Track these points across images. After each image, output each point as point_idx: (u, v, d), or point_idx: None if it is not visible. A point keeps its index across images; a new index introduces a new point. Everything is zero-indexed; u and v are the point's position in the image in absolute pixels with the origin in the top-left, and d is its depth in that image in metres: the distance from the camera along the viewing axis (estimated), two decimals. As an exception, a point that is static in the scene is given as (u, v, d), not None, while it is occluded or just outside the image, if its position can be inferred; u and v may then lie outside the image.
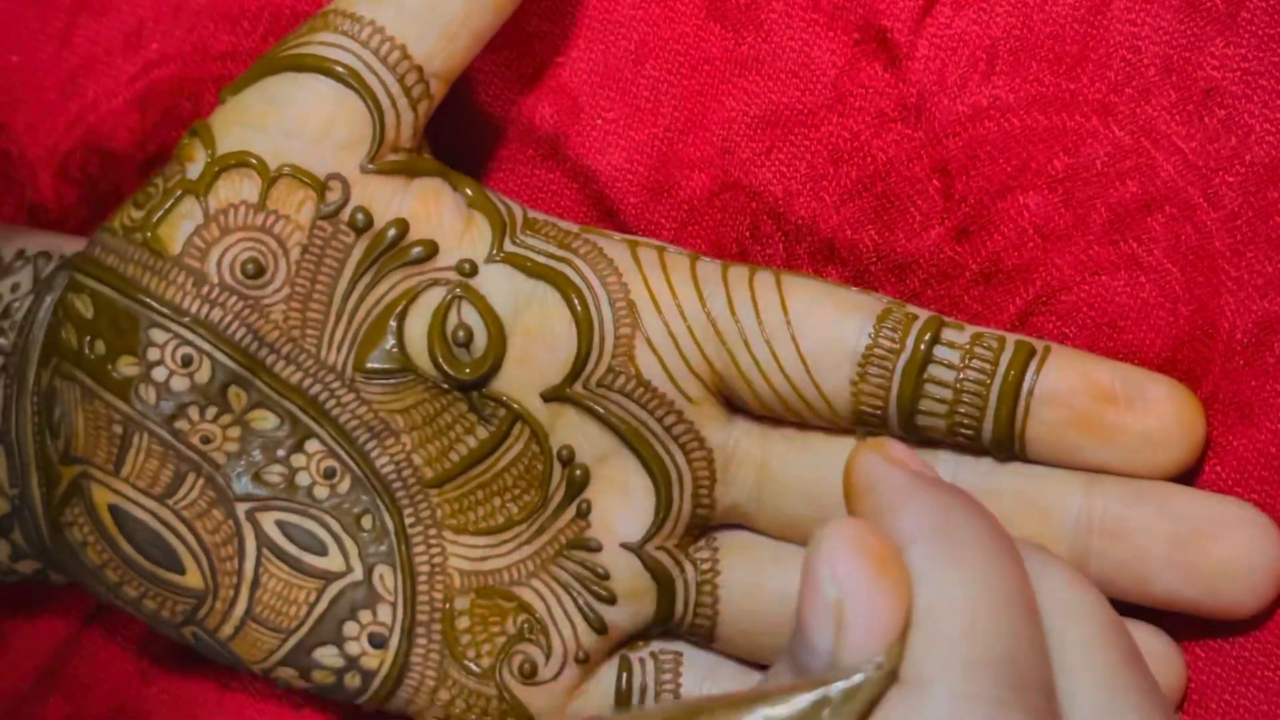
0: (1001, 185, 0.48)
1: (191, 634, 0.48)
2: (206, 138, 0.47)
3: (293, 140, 0.47)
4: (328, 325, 0.47)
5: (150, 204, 0.47)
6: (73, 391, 0.47)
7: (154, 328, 0.47)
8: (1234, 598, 0.45)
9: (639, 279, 0.47)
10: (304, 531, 0.48)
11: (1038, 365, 0.45)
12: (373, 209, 0.47)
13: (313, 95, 0.47)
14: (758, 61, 0.49)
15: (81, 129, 0.53)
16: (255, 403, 0.47)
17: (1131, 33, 0.47)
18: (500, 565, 0.48)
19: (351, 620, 0.48)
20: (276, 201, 0.47)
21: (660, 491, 0.47)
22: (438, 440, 0.48)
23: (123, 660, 0.53)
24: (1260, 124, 0.46)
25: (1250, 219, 0.46)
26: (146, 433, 0.47)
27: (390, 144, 0.47)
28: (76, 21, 0.53)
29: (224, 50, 0.52)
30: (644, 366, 0.47)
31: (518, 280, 0.48)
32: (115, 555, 0.48)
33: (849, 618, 0.37)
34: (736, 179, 0.49)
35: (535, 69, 0.51)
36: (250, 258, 0.47)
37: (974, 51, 0.48)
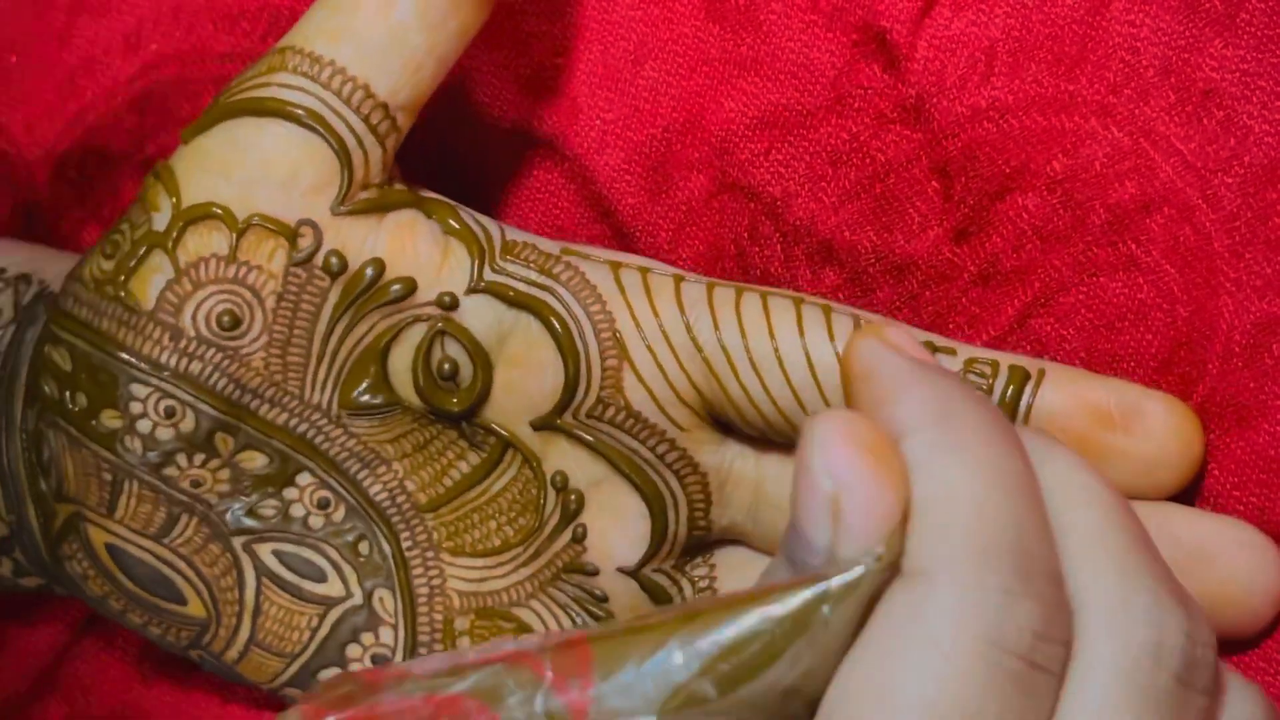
0: (1000, 186, 0.48)
1: (198, 656, 0.48)
2: (170, 184, 0.46)
3: (259, 188, 0.46)
4: (309, 368, 0.47)
5: (119, 255, 0.46)
6: (59, 439, 0.47)
7: (134, 383, 0.46)
8: (1234, 620, 0.45)
9: (623, 305, 0.47)
10: (302, 560, 0.48)
11: (1033, 388, 0.45)
12: (347, 251, 0.46)
13: (276, 141, 0.46)
14: (756, 62, 0.49)
15: (80, 130, 0.53)
16: (243, 445, 0.47)
17: (1130, 34, 0.47)
18: (499, 587, 0.48)
19: (354, 643, 0.48)
20: (247, 252, 0.46)
21: (655, 517, 0.47)
22: (429, 466, 0.48)
23: (122, 663, 0.53)
24: (1259, 125, 0.46)
25: (1249, 220, 0.46)
26: (136, 480, 0.47)
27: (360, 183, 0.46)
28: (75, 22, 0.53)
29: (223, 51, 0.52)
30: (633, 398, 0.47)
31: (499, 309, 0.47)
32: (116, 588, 0.48)
33: (845, 510, 0.37)
34: (735, 180, 0.49)
35: (534, 69, 0.51)
36: (225, 309, 0.46)
37: (973, 53, 0.48)
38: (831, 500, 0.37)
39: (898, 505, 0.37)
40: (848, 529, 0.37)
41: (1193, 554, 0.44)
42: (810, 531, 0.37)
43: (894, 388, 0.39)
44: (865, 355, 0.39)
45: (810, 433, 0.37)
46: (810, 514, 0.37)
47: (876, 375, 0.39)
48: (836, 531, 0.37)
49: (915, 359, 0.39)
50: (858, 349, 0.40)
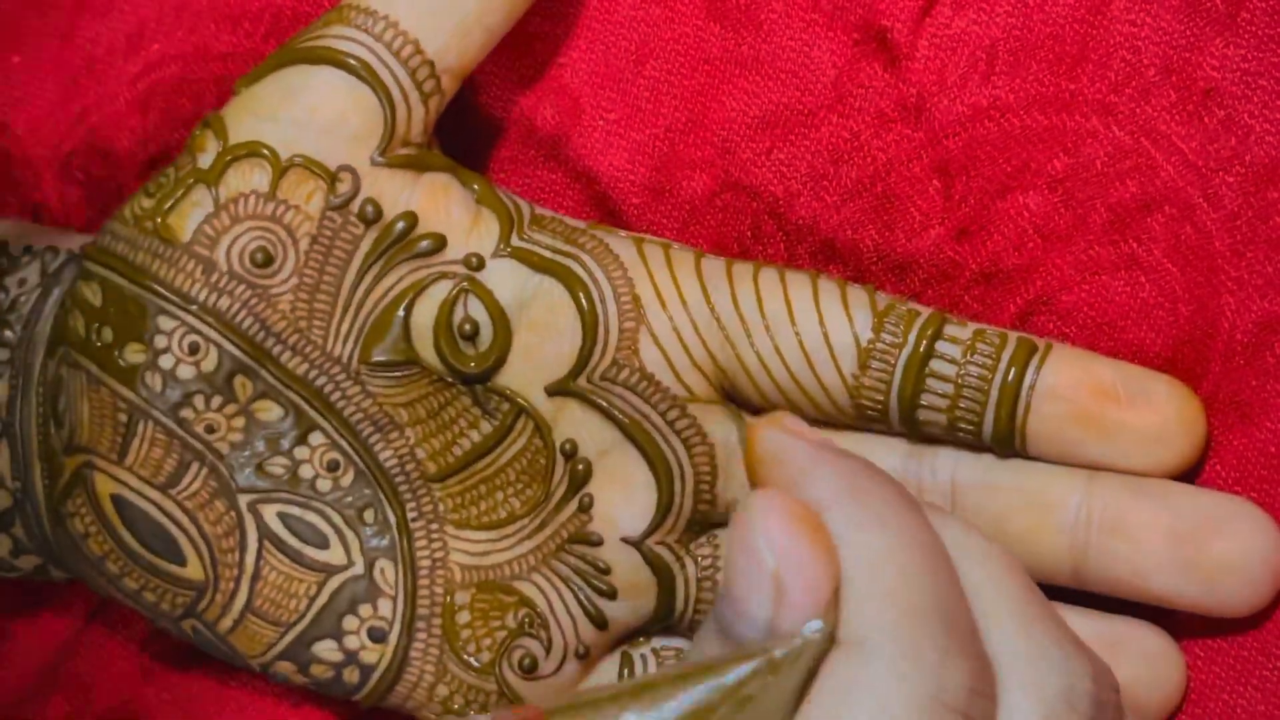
0: (1001, 185, 0.48)
1: (191, 627, 0.48)
2: (219, 128, 0.47)
3: (304, 131, 0.47)
4: (334, 316, 0.47)
5: (161, 193, 0.47)
6: (78, 380, 0.47)
7: (162, 315, 0.47)
8: (1233, 595, 0.45)
9: (644, 274, 0.48)
10: (306, 524, 0.48)
11: (1039, 362, 0.46)
12: (382, 201, 0.47)
13: (326, 87, 0.47)
14: (757, 62, 0.49)
15: (84, 129, 0.53)
16: (260, 393, 0.47)
17: (1131, 33, 0.47)
18: (502, 560, 0.48)
19: (351, 614, 0.48)
20: (287, 191, 0.47)
21: (662, 486, 0.47)
22: (442, 434, 0.48)
23: (123, 659, 0.53)
24: (1260, 124, 0.46)
25: (1250, 219, 0.46)
26: (151, 421, 0.47)
27: (401, 138, 0.47)
28: (78, 22, 0.53)
29: (225, 51, 0.52)
30: (648, 360, 0.47)
31: (524, 275, 0.48)
32: (117, 546, 0.48)
33: (787, 585, 0.38)
34: (737, 179, 0.50)
35: (537, 70, 0.51)
36: (259, 247, 0.47)
37: (974, 52, 0.48)
38: (773, 576, 0.38)
39: (833, 579, 0.38)
40: (789, 603, 0.38)
41: (1194, 527, 0.45)
42: (751, 607, 0.38)
43: (804, 468, 0.40)
44: (770, 442, 0.41)
45: (748, 511, 0.38)
46: (751, 589, 0.38)
47: (784, 459, 0.40)
48: (778, 606, 0.38)
49: (818, 441, 0.41)
50: (761, 436, 0.41)
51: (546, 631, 0.48)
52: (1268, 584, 0.45)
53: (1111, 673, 0.41)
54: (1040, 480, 0.46)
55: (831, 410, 0.47)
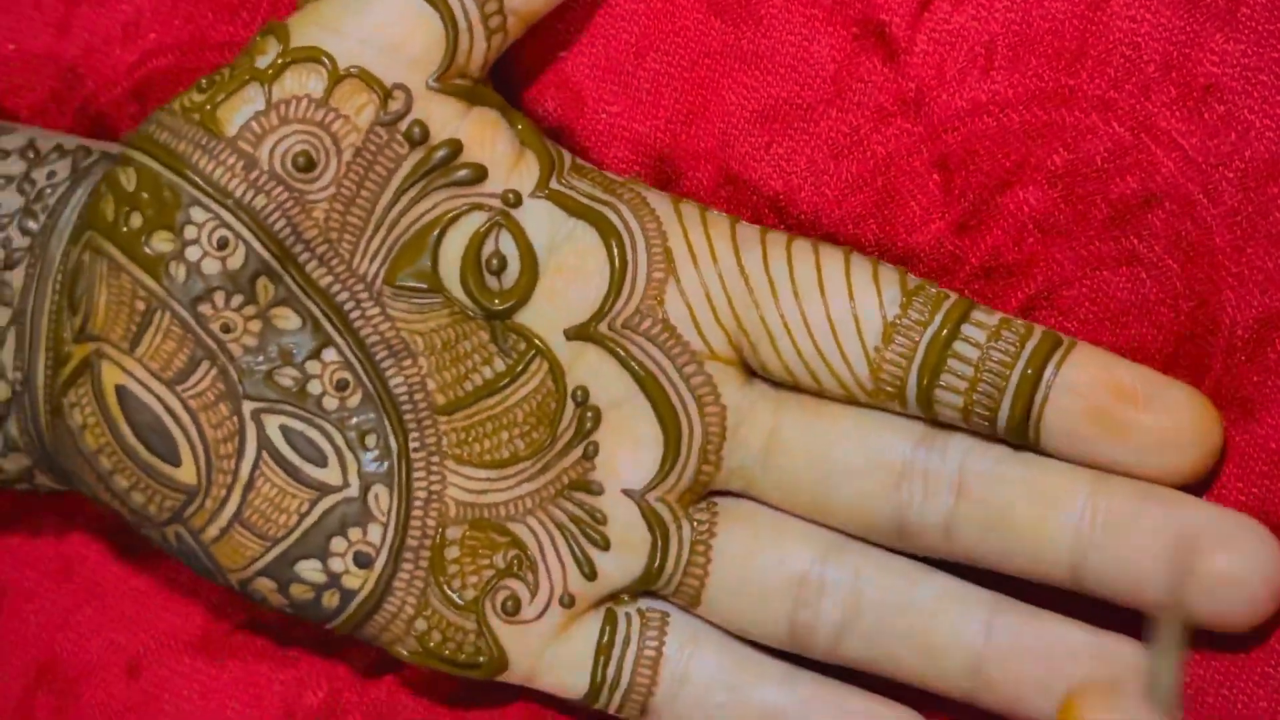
0: (1001, 180, 0.48)
1: (174, 534, 0.48)
2: (281, 34, 0.47)
3: (366, 47, 0.47)
4: (366, 233, 0.47)
5: (214, 88, 0.47)
6: (100, 265, 0.47)
7: (195, 206, 0.47)
8: (1232, 609, 0.45)
9: (678, 229, 0.48)
10: (306, 440, 0.48)
11: (1061, 356, 0.46)
12: (430, 124, 0.47)
13: (394, 7, 0.47)
14: (757, 56, 0.49)
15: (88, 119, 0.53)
16: (281, 299, 0.47)
17: (1131, 29, 0.47)
18: (499, 500, 0.48)
19: (340, 536, 0.48)
20: (339, 100, 0.47)
21: (669, 441, 0.47)
22: (455, 367, 0.48)
23: (110, 654, 0.53)
24: (1260, 120, 0.46)
25: (1250, 215, 0.46)
26: (169, 312, 0.47)
27: (459, 68, 0.48)
28: (75, 11, 0.53)
29: (222, 40, 0.52)
30: (671, 311, 0.47)
31: (558, 218, 0.48)
32: (113, 440, 0.47)
33: None
34: (737, 173, 0.49)
35: (539, 62, 0.51)
36: (303, 150, 0.47)
37: (973, 46, 0.48)
38: None
39: None
40: None
41: (1194, 539, 0.45)
42: None
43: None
44: None
45: None
46: None
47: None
48: None
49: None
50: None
51: (534, 575, 0.48)
52: (1267, 600, 0.45)
53: None
54: (1049, 476, 0.46)
55: (851, 383, 0.47)
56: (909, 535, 0.47)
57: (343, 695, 0.51)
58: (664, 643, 0.48)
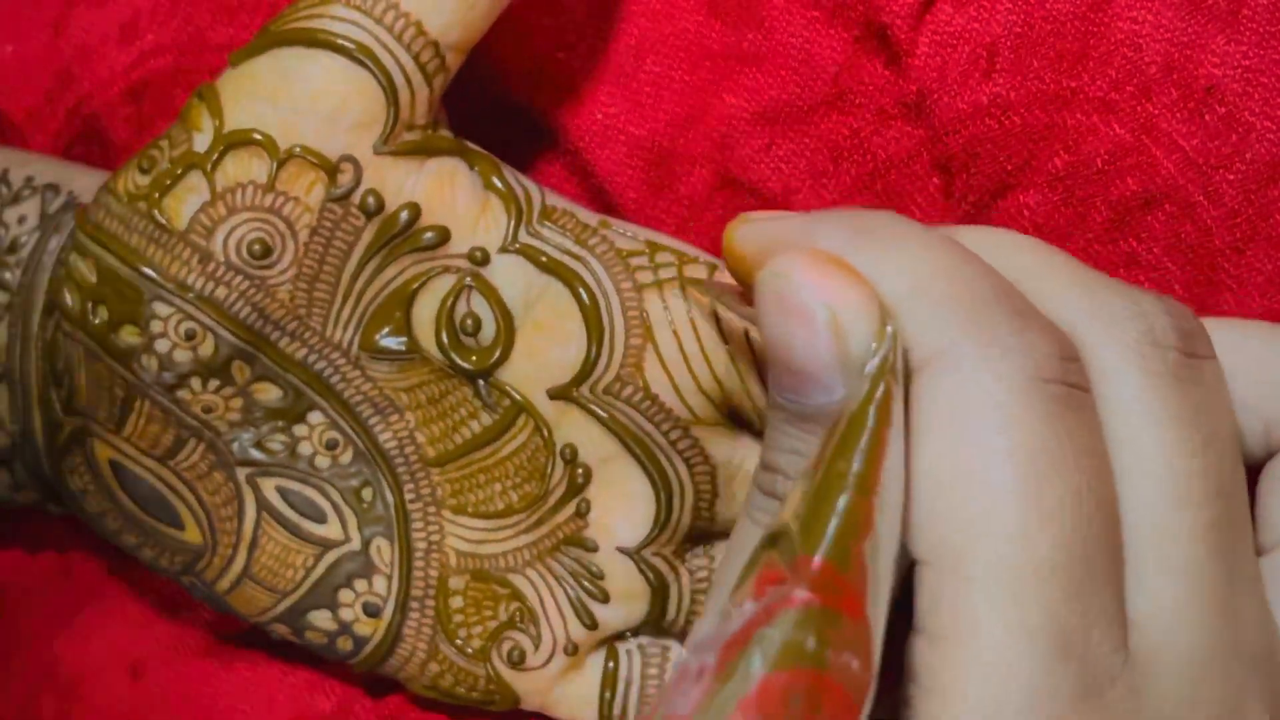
0: (1001, 183, 0.48)
1: (189, 583, 0.48)
2: (214, 106, 0.46)
3: (304, 119, 0.45)
4: (334, 305, 0.47)
5: (156, 172, 0.46)
6: (76, 350, 0.47)
7: (158, 300, 0.46)
8: None
9: (654, 287, 0.47)
10: (304, 498, 0.48)
11: None
12: (384, 192, 0.46)
13: (325, 73, 0.45)
14: (758, 57, 0.49)
15: (79, 120, 0.53)
16: (258, 376, 0.47)
17: (1132, 30, 0.47)
18: (497, 551, 0.48)
19: (347, 588, 0.48)
20: (286, 183, 0.46)
21: (660, 501, 0.47)
22: (442, 421, 0.48)
23: (113, 657, 0.53)
24: (1261, 122, 0.46)
25: (1250, 217, 0.46)
26: (148, 399, 0.47)
27: (405, 122, 0.46)
28: (71, 12, 0.53)
29: (220, 41, 0.52)
30: (652, 380, 0.47)
31: (530, 273, 0.47)
32: (114, 507, 0.48)
33: (843, 319, 0.37)
34: (736, 175, 0.49)
35: (536, 64, 0.50)
36: (257, 238, 0.46)
37: (974, 49, 0.48)
38: (830, 321, 0.37)
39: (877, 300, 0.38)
40: (854, 336, 0.37)
41: None
42: (817, 363, 0.37)
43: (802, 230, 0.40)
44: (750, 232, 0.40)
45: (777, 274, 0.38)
46: (811, 347, 0.37)
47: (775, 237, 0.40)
48: (843, 343, 0.37)
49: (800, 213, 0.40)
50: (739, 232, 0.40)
51: (536, 628, 0.48)
52: None
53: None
54: None
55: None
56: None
57: (355, 703, 0.51)
58: (665, 677, 0.49)
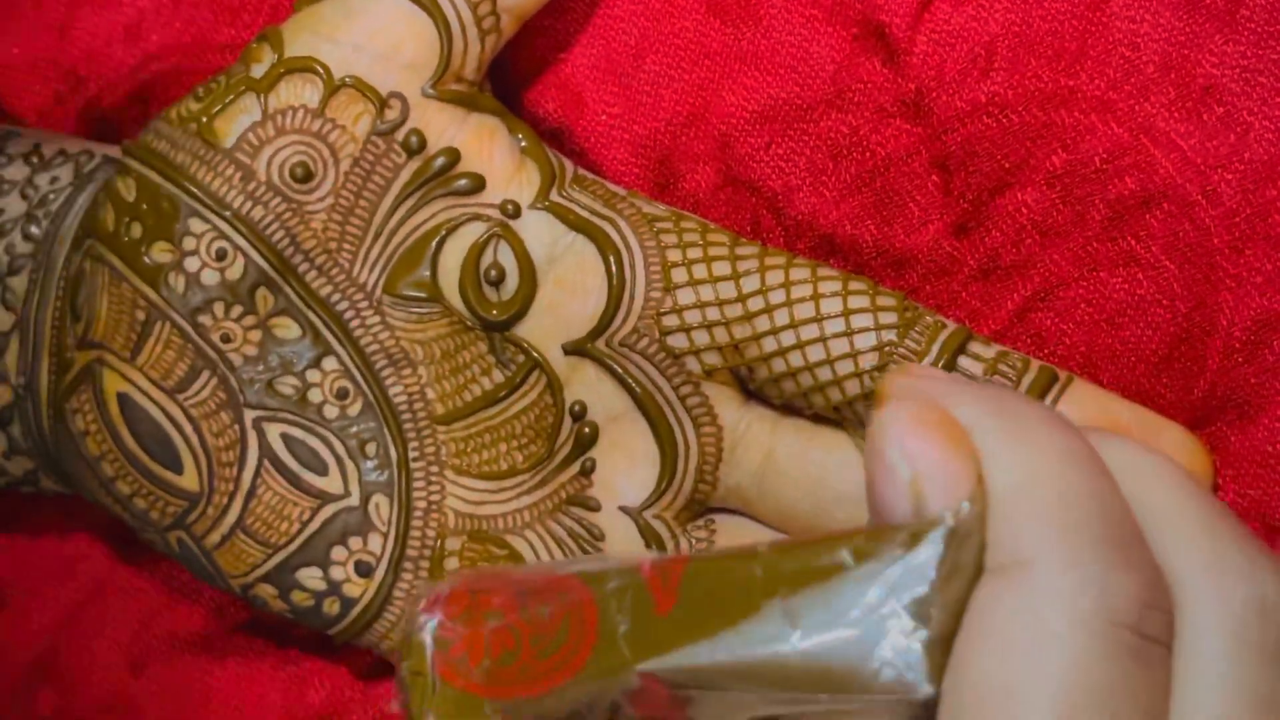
0: (1000, 181, 0.48)
1: (176, 540, 0.48)
2: (276, 41, 0.48)
3: (361, 54, 0.47)
4: (365, 242, 0.48)
5: (210, 97, 0.47)
6: (101, 274, 0.48)
7: (194, 217, 0.47)
8: None
9: (677, 246, 0.48)
10: (307, 449, 0.48)
11: (1058, 392, 0.45)
12: (428, 133, 0.48)
13: (387, 12, 0.47)
14: (757, 57, 0.49)
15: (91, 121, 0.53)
16: (280, 309, 0.48)
17: (1131, 30, 0.47)
18: (497, 512, 0.48)
19: (340, 545, 0.48)
20: (336, 110, 0.47)
21: (666, 461, 0.48)
22: (454, 377, 0.48)
23: (112, 653, 0.53)
24: (1259, 122, 0.46)
25: (1249, 216, 0.46)
26: (169, 322, 0.47)
27: (454, 72, 0.48)
28: (76, 14, 0.53)
29: (224, 42, 0.52)
30: (669, 332, 0.47)
31: (558, 230, 0.48)
32: (115, 447, 0.48)
33: (925, 492, 0.37)
34: (737, 174, 0.50)
35: (538, 64, 0.51)
36: (300, 161, 0.47)
37: (973, 47, 0.48)
38: (911, 485, 0.37)
39: (973, 479, 0.37)
40: (930, 504, 0.37)
41: None
42: (893, 517, 0.37)
43: (944, 392, 0.39)
44: (904, 382, 0.39)
45: (880, 423, 0.37)
46: (890, 502, 0.37)
47: (921, 388, 0.39)
48: (920, 508, 0.37)
49: (955, 375, 0.40)
50: (895, 379, 0.39)
51: None
52: None
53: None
54: None
55: (846, 412, 0.47)
56: None
57: (344, 694, 0.52)
58: None
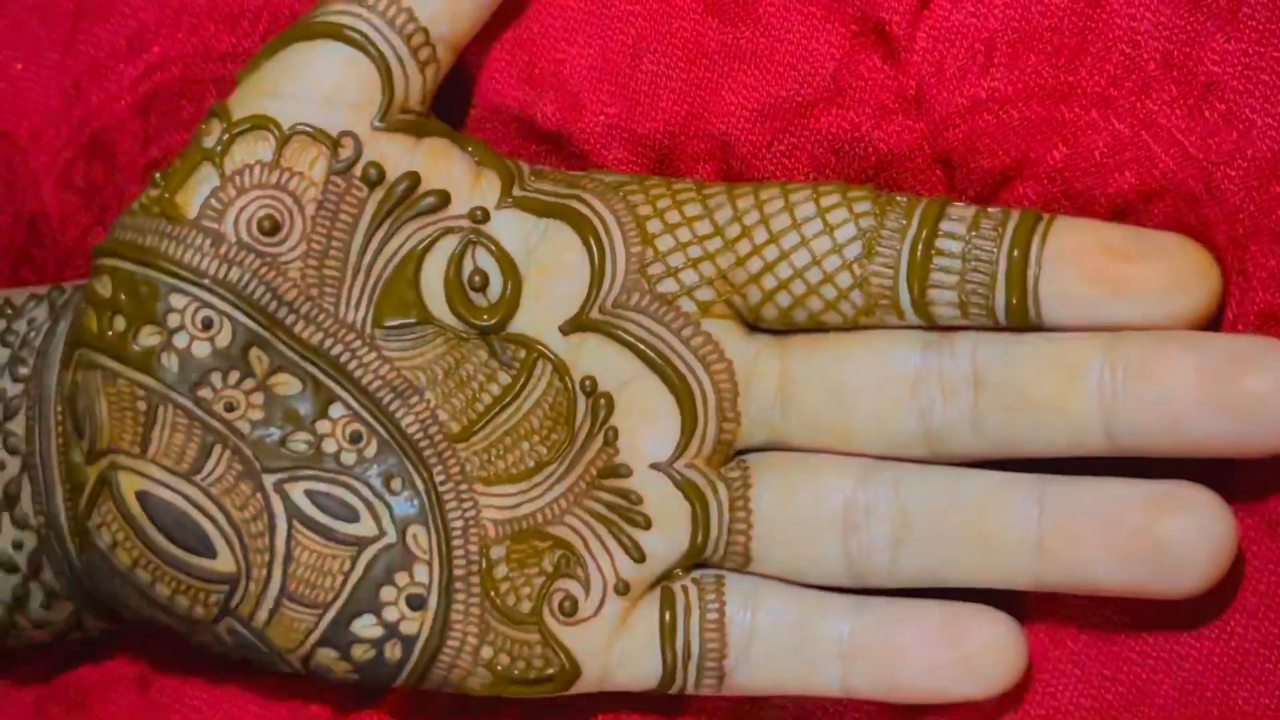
0: (1001, 176, 0.48)
1: (227, 630, 0.48)
2: (223, 113, 0.48)
3: (306, 103, 0.48)
4: (345, 282, 0.48)
5: (167, 180, 0.48)
6: (94, 379, 0.48)
7: (174, 293, 0.48)
8: (1272, 428, 0.44)
9: (645, 200, 0.48)
10: (333, 499, 0.48)
11: (1044, 230, 0.45)
12: (385, 163, 0.48)
13: (324, 59, 0.48)
14: (756, 55, 0.49)
15: (85, 135, 0.54)
16: (277, 366, 0.48)
17: (1131, 27, 0.46)
18: (534, 509, 0.49)
19: (388, 584, 0.48)
20: (290, 159, 0.48)
21: (685, 409, 0.48)
22: (461, 392, 0.49)
23: (121, 667, 0.54)
24: (1261, 119, 0.46)
25: (1252, 213, 0.46)
26: (171, 405, 0.48)
27: (399, 105, 0.48)
28: (79, 27, 0.53)
29: (225, 51, 0.52)
30: (657, 280, 0.48)
31: (528, 222, 0.49)
32: (146, 549, 0.48)
33: None
34: (738, 172, 0.50)
35: (536, 65, 0.51)
36: (266, 214, 0.48)
37: (972, 44, 0.48)
38: None
39: None
40: None
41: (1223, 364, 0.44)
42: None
43: None
44: None
45: None
46: None
47: None
48: None
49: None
50: None
51: (584, 570, 0.48)
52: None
53: None
54: (1061, 345, 0.46)
55: (844, 305, 0.47)
56: (938, 441, 0.47)
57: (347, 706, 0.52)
58: (724, 603, 0.48)
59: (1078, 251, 0.45)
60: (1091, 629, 0.48)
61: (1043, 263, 0.45)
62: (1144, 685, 0.47)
